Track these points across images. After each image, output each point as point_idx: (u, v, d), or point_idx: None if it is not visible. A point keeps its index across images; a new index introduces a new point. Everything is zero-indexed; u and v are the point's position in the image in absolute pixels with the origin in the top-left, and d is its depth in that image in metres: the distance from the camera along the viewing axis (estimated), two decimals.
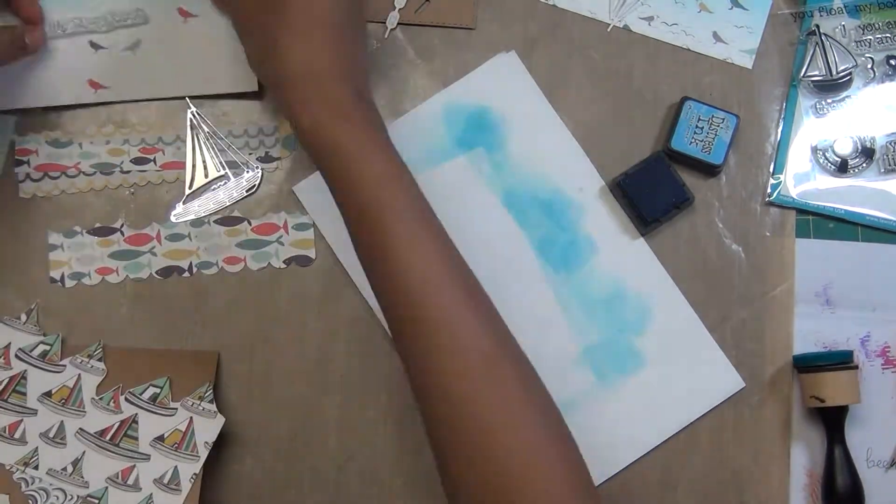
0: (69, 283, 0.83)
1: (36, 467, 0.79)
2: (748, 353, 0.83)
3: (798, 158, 0.85)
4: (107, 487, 0.79)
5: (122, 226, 0.83)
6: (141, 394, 0.81)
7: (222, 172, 0.84)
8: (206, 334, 0.83)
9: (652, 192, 0.81)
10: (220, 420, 0.80)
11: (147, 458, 0.80)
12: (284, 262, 0.84)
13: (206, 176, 0.84)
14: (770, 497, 0.82)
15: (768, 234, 0.85)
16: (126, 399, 0.81)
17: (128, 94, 0.84)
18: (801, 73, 0.85)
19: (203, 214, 0.84)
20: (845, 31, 0.86)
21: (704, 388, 0.83)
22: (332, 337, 0.83)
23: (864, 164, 0.85)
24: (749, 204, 0.85)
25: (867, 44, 0.86)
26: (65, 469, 0.79)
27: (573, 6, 0.87)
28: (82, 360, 0.81)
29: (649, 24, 0.87)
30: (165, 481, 0.79)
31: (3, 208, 0.83)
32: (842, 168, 0.85)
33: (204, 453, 0.79)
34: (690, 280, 0.84)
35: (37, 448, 0.80)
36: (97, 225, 0.83)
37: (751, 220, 0.85)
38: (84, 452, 0.80)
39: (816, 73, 0.85)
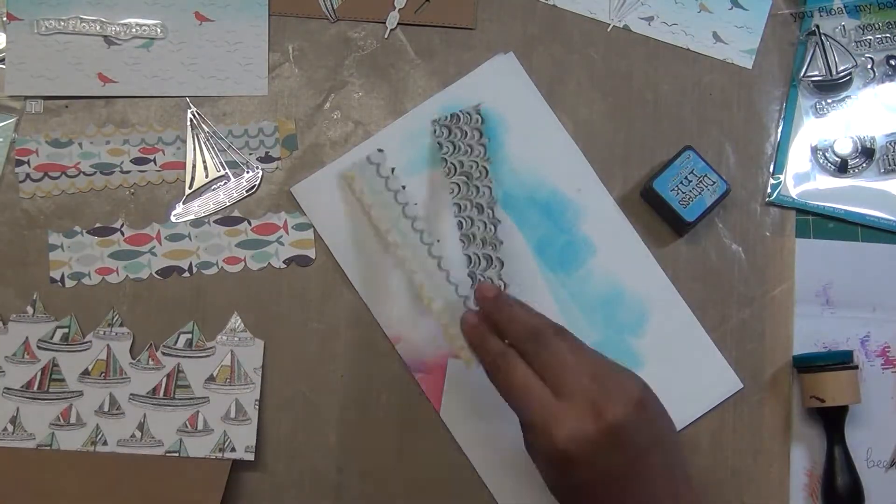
0: (69, 283, 0.83)
1: (105, 443, 0.80)
2: (748, 354, 0.83)
3: (798, 158, 0.85)
4: (180, 439, 0.80)
5: (122, 226, 0.84)
6: (175, 344, 0.82)
7: (222, 172, 0.84)
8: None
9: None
10: (260, 344, 0.81)
11: (206, 400, 0.81)
12: (284, 262, 0.84)
13: (207, 176, 0.84)
14: (770, 497, 0.82)
15: (768, 234, 0.85)
16: (163, 353, 0.82)
17: (135, 90, 0.85)
18: (801, 74, 0.85)
19: (203, 214, 0.84)
20: (845, 31, 0.86)
21: (702, 389, 0.83)
22: (332, 337, 0.83)
23: (864, 165, 0.85)
24: (749, 204, 0.85)
25: (867, 44, 0.86)
26: (133, 436, 0.80)
27: (573, 6, 0.87)
28: (105, 332, 0.82)
29: (649, 24, 0.87)
30: (233, 415, 0.80)
31: (3, 208, 0.83)
32: (842, 168, 0.85)
33: (258, 379, 0.81)
34: (690, 280, 0.84)
35: (97, 425, 0.81)
36: (97, 225, 0.83)
37: (751, 220, 0.85)
38: (145, 415, 0.81)
39: (816, 73, 0.85)
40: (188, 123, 0.85)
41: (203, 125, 0.85)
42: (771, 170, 0.85)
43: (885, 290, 0.84)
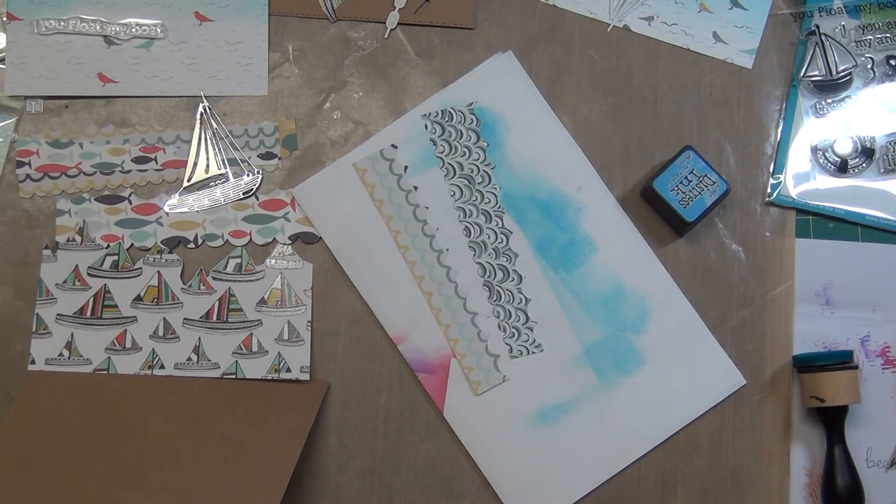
0: None
1: (162, 367, 0.81)
2: (748, 353, 0.83)
3: (798, 158, 0.85)
4: (236, 361, 0.81)
5: (130, 195, 0.84)
6: (224, 268, 0.83)
7: (223, 171, 0.84)
8: None
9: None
10: (308, 267, 0.83)
11: (259, 323, 0.82)
12: (290, 237, 0.84)
13: (207, 172, 0.84)
14: (770, 497, 0.82)
15: (768, 234, 0.85)
16: (213, 278, 0.83)
17: (135, 90, 0.85)
18: (801, 73, 0.85)
19: (196, 209, 0.84)
20: (845, 31, 0.86)
21: (705, 385, 0.83)
22: (332, 337, 0.83)
23: (864, 164, 0.85)
24: (749, 204, 0.85)
25: (867, 44, 0.86)
26: (190, 359, 0.82)
27: (573, 6, 0.87)
28: (154, 258, 0.83)
29: (649, 24, 0.87)
30: (286, 337, 0.82)
31: (4, 208, 0.83)
32: (842, 168, 0.85)
33: (308, 301, 0.82)
34: (690, 280, 0.84)
35: (153, 349, 0.82)
36: (105, 192, 0.84)
37: (751, 220, 0.85)
38: (200, 338, 0.82)
39: (816, 73, 0.85)
40: (198, 118, 0.85)
41: (212, 121, 0.85)
42: (771, 170, 0.85)
43: (885, 290, 0.84)
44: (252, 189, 0.84)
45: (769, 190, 0.85)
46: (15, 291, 0.83)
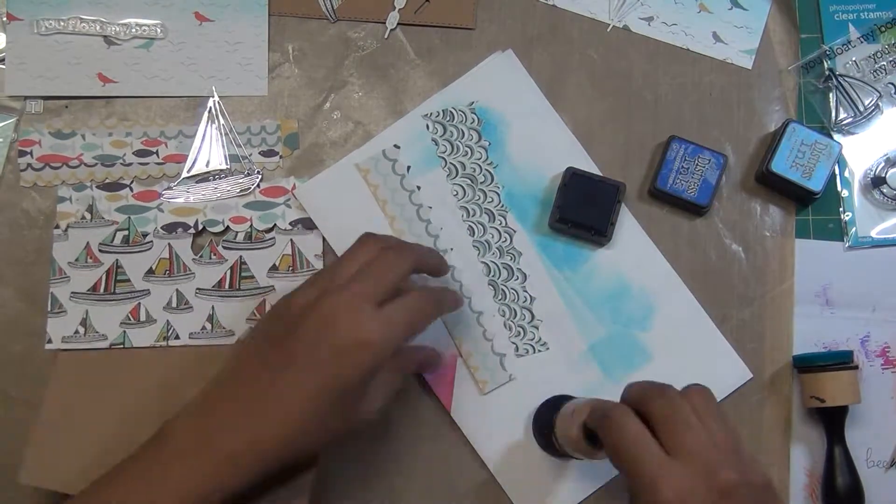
0: None
1: (177, 337, 0.82)
2: (748, 354, 0.83)
3: (861, 201, 0.85)
4: (250, 328, 0.81)
5: (131, 182, 0.84)
6: (235, 238, 0.83)
7: (225, 167, 0.84)
8: None
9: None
10: (318, 232, 0.83)
11: (271, 288, 0.83)
12: (290, 223, 0.84)
13: (208, 166, 0.84)
14: None
15: (768, 234, 0.85)
16: (223, 247, 0.83)
17: (135, 90, 0.85)
18: (833, 121, 0.85)
19: (192, 201, 0.84)
20: (858, 65, 0.86)
21: (712, 380, 0.81)
22: None
23: None
24: (749, 204, 0.85)
25: (883, 70, 0.85)
26: (204, 328, 0.82)
27: (573, 6, 0.87)
28: (163, 231, 0.83)
29: (649, 25, 0.87)
30: None
31: (3, 208, 0.83)
32: None
33: (320, 265, 0.83)
34: (690, 280, 0.84)
35: (168, 320, 0.82)
36: (107, 181, 0.84)
37: (751, 220, 0.85)
38: (213, 307, 0.82)
39: (846, 116, 0.85)
40: (206, 112, 0.85)
41: (220, 117, 0.85)
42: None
43: (885, 290, 0.84)
44: (250, 188, 0.84)
45: (848, 235, 0.85)
46: (15, 292, 0.82)
